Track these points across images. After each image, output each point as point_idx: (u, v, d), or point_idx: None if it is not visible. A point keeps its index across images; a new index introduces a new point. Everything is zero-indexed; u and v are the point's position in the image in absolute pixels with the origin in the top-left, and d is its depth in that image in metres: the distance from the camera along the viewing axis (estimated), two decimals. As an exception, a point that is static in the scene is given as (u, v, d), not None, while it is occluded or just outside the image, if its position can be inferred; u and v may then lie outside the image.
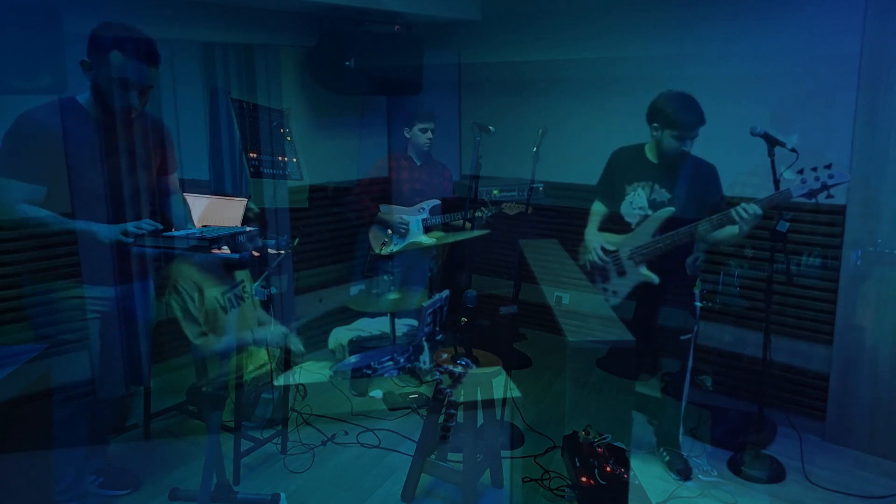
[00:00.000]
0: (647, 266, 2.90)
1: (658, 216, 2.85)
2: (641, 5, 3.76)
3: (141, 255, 2.44)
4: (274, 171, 3.84)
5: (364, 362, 3.72)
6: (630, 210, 2.94)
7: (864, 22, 2.97)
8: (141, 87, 2.25)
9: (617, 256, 2.99)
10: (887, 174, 2.96)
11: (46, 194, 2.21)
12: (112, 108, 2.25)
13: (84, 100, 2.29)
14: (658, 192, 2.87)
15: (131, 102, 2.24)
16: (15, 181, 2.17)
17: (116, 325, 2.48)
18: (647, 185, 2.89)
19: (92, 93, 2.25)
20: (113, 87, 2.20)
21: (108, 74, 2.18)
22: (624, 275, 2.97)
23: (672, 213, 2.82)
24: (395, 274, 3.96)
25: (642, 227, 2.91)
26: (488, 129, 3.52)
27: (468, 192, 3.49)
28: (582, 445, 2.83)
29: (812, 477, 2.91)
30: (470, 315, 2.59)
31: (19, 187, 2.17)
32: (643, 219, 2.90)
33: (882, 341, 3.05)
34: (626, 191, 2.95)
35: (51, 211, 2.22)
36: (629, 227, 2.95)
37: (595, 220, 3.11)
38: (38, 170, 2.19)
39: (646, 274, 2.90)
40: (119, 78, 2.18)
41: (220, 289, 2.86)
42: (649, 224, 2.88)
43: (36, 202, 2.20)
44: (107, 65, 2.17)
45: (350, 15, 3.95)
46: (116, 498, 2.69)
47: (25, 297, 2.41)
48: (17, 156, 2.18)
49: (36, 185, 2.19)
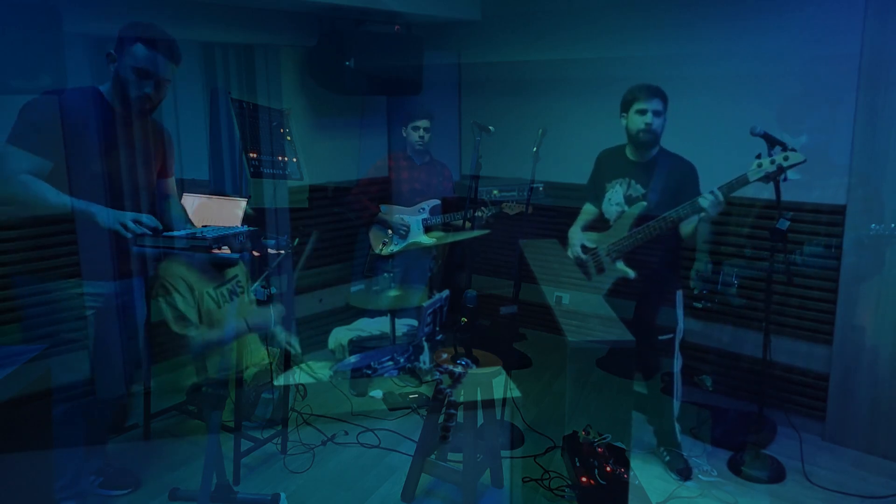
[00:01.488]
0: (625, 262, 2.93)
1: (632, 212, 2.90)
2: (641, 5, 3.76)
3: (141, 254, 2.45)
4: (274, 171, 3.84)
5: (364, 362, 3.72)
6: (609, 207, 3.00)
7: (864, 22, 2.97)
8: (159, 79, 2.34)
9: (596, 253, 3.02)
10: (887, 174, 2.96)
11: (52, 172, 2.24)
12: (130, 98, 2.34)
13: (105, 90, 2.37)
14: (634, 188, 2.92)
15: (146, 91, 2.33)
16: (22, 151, 2.21)
17: (114, 321, 2.49)
18: (623, 181, 2.95)
19: (113, 83, 2.34)
20: (131, 76, 2.30)
21: (130, 65, 2.28)
22: (603, 272, 3.01)
23: (645, 209, 2.86)
24: (395, 274, 3.97)
25: (618, 223, 2.95)
26: (488, 129, 3.52)
27: (468, 192, 3.49)
28: (582, 445, 2.83)
29: (812, 477, 2.91)
30: (470, 315, 2.59)
31: (25, 157, 2.20)
32: (620, 215, 2.95)
33: (882, 341, 3.05)
34: (607, 188, 3.01)
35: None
36: (608, 224, 3.01)
37: (581, 220, 3.18)
38: (47, 145, 2.23)
39: (621, 269, 2.92)
40: (140, 68, 2.29)
41: (211, 285, 2.86)
42: (625, 220, 2.93)
43: (40, 176, 2.23)
44: (130, 56, 2.28)
45: (350, 15, 3.95)
46: (116, 498, 2.69)
47: (23, 296, 2.42)
48: (29, 127, 2.23)
49: (42, 159, 2.23)
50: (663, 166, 2.87)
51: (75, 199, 2.25)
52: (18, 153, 2.20)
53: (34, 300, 2.41)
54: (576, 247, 3.08)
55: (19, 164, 2.20)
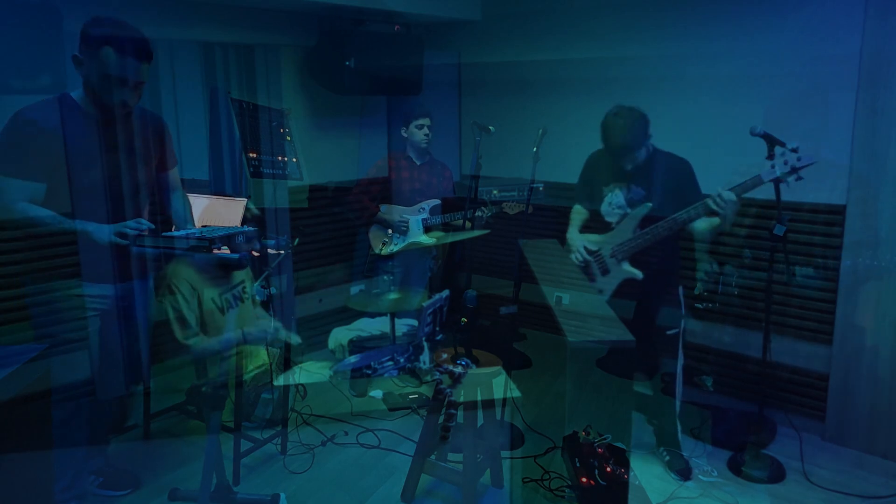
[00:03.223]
0: (630, 263, 2.93)
1: (637, 213, 2.89)
2: (641, 5, 3.76)
3: (141, 254, 2.44)
4: (274, 170, 3.83)
5: (364, 362, 3.72)
6: (610, 210, 2.99)
7: (864, 22, 2.97)
8: (132, 83, 2.23)
9: (599, 255, 3.02)
10: (887, 174, 2.96)
11: (46, 192, 2.21)
12: (104, 103, 2.24)
13: (78, 95, 2.28)
14: (634, 191, 2.91)
15: (123, 98, 2.23)
16: (14, 179, 2.16)
17: (116, 323, 2.48)
18: (623, 185, 2.94)
19: (84, 88, 2.25)
20: (104, 83, 2.18)
21: (99, 70, 2.16)
22: (608, 273, 3.00)
23: (650, 209, 2.85)
24: (395, 274, 3.96)
25: (623, 225, 2.95)
26: (488, 129, 3.51)
27: (468, 192, 3.49)
28: (582, 446, 2.83)
29: (812, 477, 2.91)
30: (470, 315, 2.59)
31: (19, 185, 2.16)
32: (623, 217, 2.95)
33: (882, 341, 3.05)
34: (604, 192, 3.00)
35: (50, 208, 2.22)
36: (609, 226, 3.00)
37: (576, 222, 3.18)
38: (36, 167, 2.18)
39: (629, 270, 2.93)
40: (109, 74, 2.17)
41: (217, 290, 2.86)
42: (629, 221, 2.92)
43: (36, 200, 2.19)
44: (98, 60, 2.15)
45: (350, 15, 3.95)
46: (116, 498, 2.69)
47: (25, 296, 2.41)
48: (14, 153, 2.17)
49: (35, 183, 2.19)
50: (658, 167, 2.87)
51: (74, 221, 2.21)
52: (11, 182, 2.16)
53: (35, 300, 2.40)
54: (579, 250, 3.07)
55: (14, 193, 2.16)
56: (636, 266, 2.92)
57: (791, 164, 2.60)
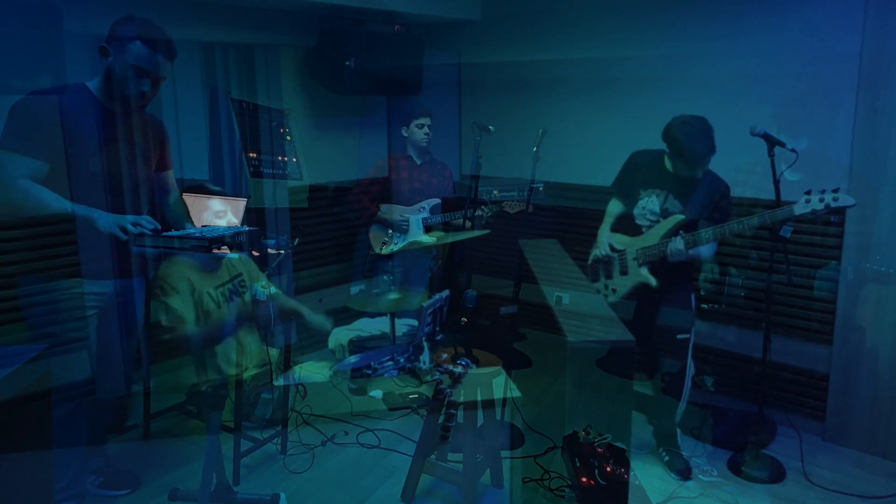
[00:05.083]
0: (648, 269, 2.93)
1: (667, 223, 2.88)
2: (642, 5, 3.76)
3: (141, 254, 2.44)
4: (274, 170, 3.83)
5: (364, 362, 3.72)
6: (642, 213, 2.98)
7: (864, 22, 2.97)
8: (155, 77, 2.31)
9: (624, 255, 3.03)
10: (887, 174, 2.96)
11: (49, 173, 2.21)
12: (122, 94, 2.31)
13: (94, 85, 2.33)
14: (671, 203, 2.90)
15: (143, 89, 2.30)
16: (17, 155, 2.17)
17: (115, 321, 2.48)
18: (661, 193, 2.93)
19: (104, 79, 2.30)
20: (128, 74, 2.27)
21: (126, 61, 2.25)
22: (626, 274, 3.01)
23: (682, 221, 2.85)
24: (395, 274, 3.96)
25: (652, 231, 2.95)
26: (488, 129, 3.51)
27: (468, 192, 3.49)
28: (582, 445, 2.83)
29: (812, 477, 2.91)
30: (470, 315, 2.59)
31: (22, 161, 2.17)
32: (654, 223, 2.94)
33: (882, 341, 3.05)
34: (641, 195, 2.98)
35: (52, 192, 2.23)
36: (639, 229, 3.00)
37: (609, 220, 3.17)
38: (41, 146, 2.20)
39: (645, 276, 2.92)
40: (136, 65, 2.26)
41: (212, 285, 2.86)
42: (658, 229, 2.92)
43: (38, 179, 2.20)
44: (126, 52, 2.24)
45: (350, 15, 3.95)
46: (116, 498, 2.69)
47: (23, 295, 2.41)
48: (21, 130, 2.19)
49: (39, 161, 2.20)
50: (703, 185, 2.85)
51: (76, 205, 2.22)
52: (14, 157, 2.17)
53: (34, 300, 2.40)
54: (605, 245, 3.09)
55: (17, 168, 2.16)
56: (652, 271, 2.93)
57: (826, 203, 2.55)
